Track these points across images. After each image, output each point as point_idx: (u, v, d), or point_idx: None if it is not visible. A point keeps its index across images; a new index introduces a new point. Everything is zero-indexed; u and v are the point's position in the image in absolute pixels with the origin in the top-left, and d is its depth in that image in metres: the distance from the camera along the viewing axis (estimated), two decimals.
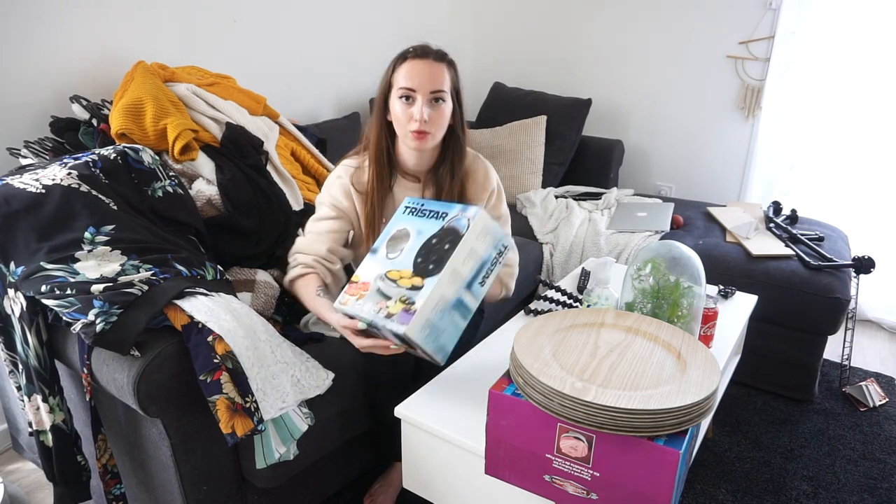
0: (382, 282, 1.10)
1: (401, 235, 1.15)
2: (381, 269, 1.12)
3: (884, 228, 2.61)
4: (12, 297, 1.25)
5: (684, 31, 2.87)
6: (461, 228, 1.07)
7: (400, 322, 1.01)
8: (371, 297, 1.09)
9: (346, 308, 1.13)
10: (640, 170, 3.17)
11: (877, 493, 1.68)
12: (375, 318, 1.06)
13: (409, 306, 1.02)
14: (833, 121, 2.63)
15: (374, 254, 1.16)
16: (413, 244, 1.11)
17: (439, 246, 1.07)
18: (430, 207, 1.16)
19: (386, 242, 1.15)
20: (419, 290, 1.03)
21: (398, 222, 1.18)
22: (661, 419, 0.85)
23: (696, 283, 1.25)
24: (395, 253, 1.12)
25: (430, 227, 1.11)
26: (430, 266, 1.05)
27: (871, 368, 2.34)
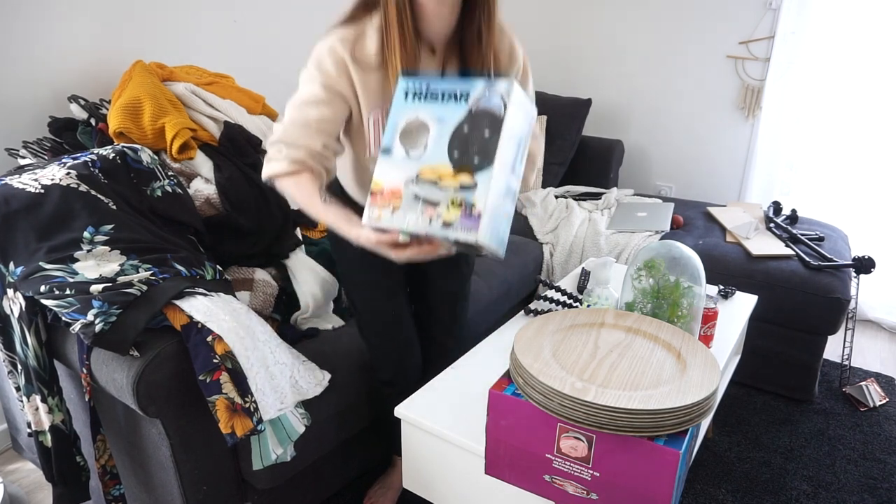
0: (417, 185, 0.93)
1: (416, 127, 0.96)
2: (409, 170, 0.95)
3: (884, 228, 2.61)
4: (11, 297, 1.25)
5: (684, 31, 2.87)
6: (497, 110, 0.92)
7: (466, 228, 0.89)
8: (410, 205, 0.94)
9: (382, 222, 0.96)
10: (640, 170, 3.17)
11: (877, 493, 1.68)
12: (429, 229, 0.92)
13: (468, 209, 0.90)
14: (833, 121, 2.62)
15: (387, 154, 0.97)
16: (438, 135, 0.94)
17: (477, 134, 0.92)
18: (441, 88, 0.96)
19: (398, 138, 0.97)
20: (473, 190, 0.90)
21: (403, 111, 0.98)
22: (661, 419, 0.85)
23: (696, 283, 1.25)
24: (417, 149, 0.95)
25: (452, 112, 0.94)
26: (474, 159, 0.91)
27: (871, 368, 2.33)
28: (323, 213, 1.09)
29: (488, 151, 0.91)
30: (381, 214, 0.96)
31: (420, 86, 0.98)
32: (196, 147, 1.64)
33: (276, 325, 1.55)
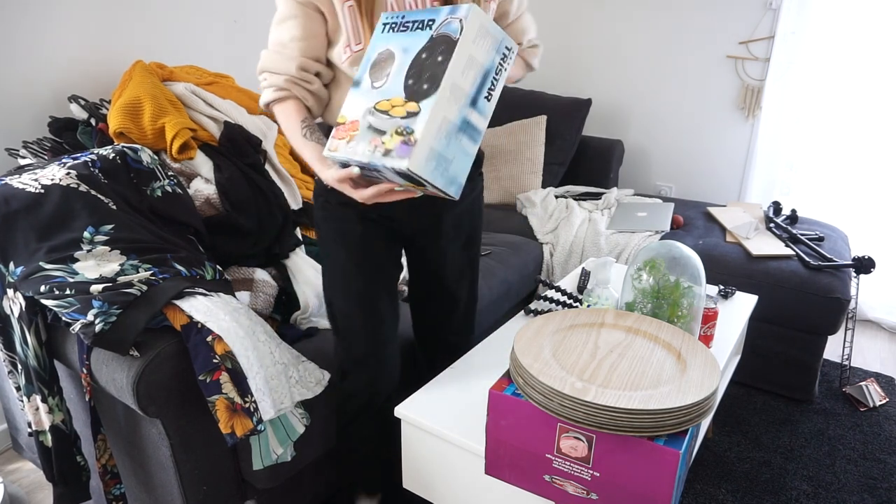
0: (372, 116, 0.91)
1: (383, 59, 0.94)
2: (369, 101, 0.93)
3: (884, 228, 2.61)
4: (11, 297, 1.25)
5: (684, 31, 2.87)
6: (453, 34, 0.87)
7: (399, 156, 0.85)
8: (363, 135, 0.91)
9: (337, 154, 0.94)
10: (640, 170, 3.17)
11: (877, 494, 1.68)
12: (372, 158, 0.88)
13: (407, 137, 0.86)
14: (833, 121, 2.62)
15: (357, 87, 0.96)
16: (400, 65, 0.91)
17: (430, 60, 0.88)
18: (412, 18, 0.94)
19: (368, 70, 0.95)
20: (416, 116, 0.86)
21: (378, 44, 0.96)
22: (661, 419, 0.85)
23: (696, 283, 1.25)
24: (380, 80, 0.92)
25: (417, 40, 0.91)
26: (423, 86, 0.87)
27: (871, 368, 2.33)
28: (300, 146, 1.07)
29: (436, 77, 0.86)
30: (337, 146, 0.94)
31: (396, 18, 0.96)
32: (196, 147, 1.64)
33: (276, 325, 1.55)
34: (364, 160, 0.89)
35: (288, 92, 1.10)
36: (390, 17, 0.97)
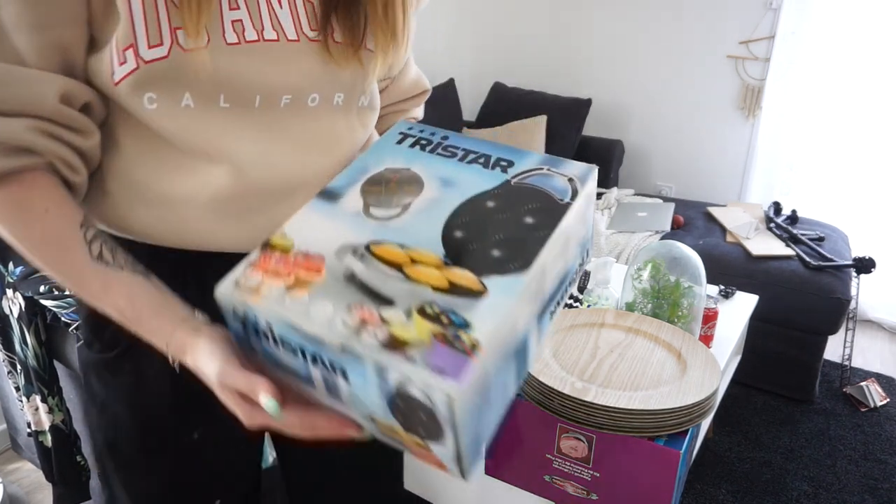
0: (362, 263, 0.50)
1: (397, 179, 0.58)
2: (356, 234, 0.53)
3: (884, 228, 2.60)
4: (11, 297, 1.25)
5: (684, 31, 2.87)
6: (557, 194, 0.55)
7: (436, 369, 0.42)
8: (333, 290, 0.48)
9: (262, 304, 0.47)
10: (641, 170, 3.17)
11: (877, 494, 1.67)
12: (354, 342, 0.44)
13: (454, 336, 0.44)
14: (833, 121, 2.62)
15: (328, 200, 0.56)
16: (434, 201, 0.55)
17: (510, 217, 0.53)
18: (462, 144, 0.61)
19: (361, 184, 0.57)
20: (474, 301, 0.47)
21: (386, 154, 0.60)
22: (661, 419, 0.84)
23: (697, 283, 1.25)
24: (386, 208, 0.55)
25: (475, 177, 0.57)
26: (492, 253, 0.50)
27: (871, 369, 2.33)
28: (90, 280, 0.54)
29: (526, 247, 0.51)
30: (264, 290, 0.48)
31: (429, 135, 0.62)
32: None
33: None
34: (333, 341, 0.45)
35: (33, 158, 0.52)
36: (418, 130, 0.63)
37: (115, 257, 0.55)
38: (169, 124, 0.55)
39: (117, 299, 0.54)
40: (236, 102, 0.57)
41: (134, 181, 0.59)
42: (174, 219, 0.60)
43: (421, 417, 0.45)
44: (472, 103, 3.25)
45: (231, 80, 0.55)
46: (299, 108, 0.61)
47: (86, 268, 0.54)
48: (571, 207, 0.54)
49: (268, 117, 0.59)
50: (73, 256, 0.53)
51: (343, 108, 0.64)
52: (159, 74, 0.53)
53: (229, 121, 0.57)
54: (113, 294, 0.54)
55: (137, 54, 0.52)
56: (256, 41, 0.56)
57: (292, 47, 0.58)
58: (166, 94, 0.54)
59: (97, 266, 0.54)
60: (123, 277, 0.55)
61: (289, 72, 0.58)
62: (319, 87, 0.61)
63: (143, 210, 0.60)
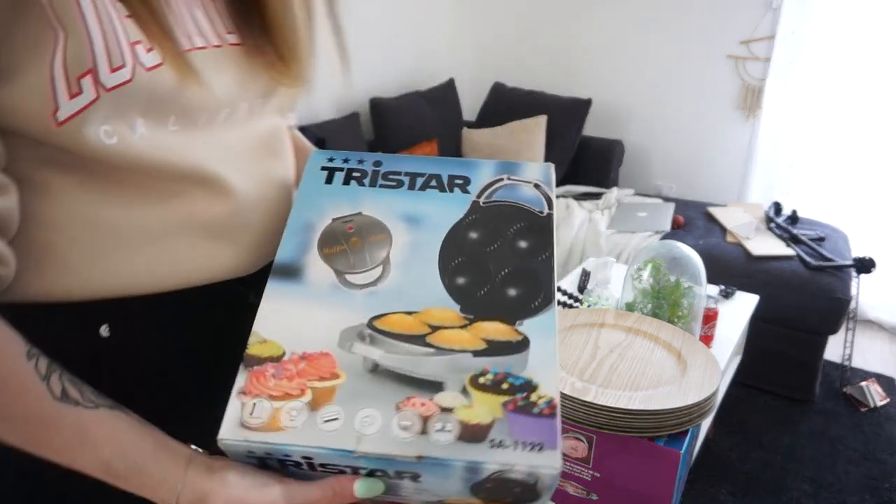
0: (377, 346, 0.44)
1: (357, 229, 0.50)
2: (350, 313, 0.45)
3: (884, 228, 2.60)
4: None
5: (685, 30, 2.87)
6: (536, 208, 0.52)
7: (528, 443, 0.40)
8: (362, 388, 0.42)
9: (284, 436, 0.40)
10: (641, 170, 3.16)
11: (878, 494, 1.67)
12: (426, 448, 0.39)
13: (525, 400, 0.42)
14: (833, 121, 2.62)
15: (289, 279, 0.47)
16: (411, 247, 0.49)
17: (504, 248, 0.49)
18: (407, 168, 0.54)
19: (316, 248, 0.49)
20: (523, 354, 0.44)
21: (323, 201, 0.52)
22: (661, 420, 0.84)
23: (697, 283, 1.25)
24: (366, 272, 0.48)
25: (441, 208, 0.51)
26: (511, 293, 0.47)
27: (871, 369, 2.33)
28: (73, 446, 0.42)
29: (538, 278, 0.48)
30: (282, 418, 0.41)
31: (358, 163, 0.54)
32: None
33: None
34: (399, 452, 0.39)
35: None
36: (341, 159, 0.55)
37: (83, 392, 0.42)
38: (136, 154, 0.45)
39: (101, 450, 0.41)
40: (185, 122, 0.48)
41: (97, 224, 0.46)
42: (165, 255, 0.49)
43: (514, 491, 0.42)
44: (472, 103, 3.25)
45: (181, 97, 0.47)
46: (238, 120, 0.53)
47: (49, 414, 0.40)
48: (553, 218, 0.51)
49: (213, 133, 0.51)
50: (27, 402, 0.40)
51: (272, 112, 0.59)
52: (120, 102, 0.44)
53: (189, 141, 0.49)
54: (93, 443, 0.41)
55: (97, 82, 0.42)
56: (192, 49, 0.48)
57: (220, 53, 0.50)
58: (121, 123, 0.45)
59: (64, 408, 0.40)
60: (102, 418, 0.42)
61: (222, 81, 0.50)
62: (248, 94, 0.53)
63: (119, 256, 0.47)
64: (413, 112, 2.64)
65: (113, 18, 0.42)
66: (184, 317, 0.52)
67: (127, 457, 0.41)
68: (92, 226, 0.46)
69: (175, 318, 0.51)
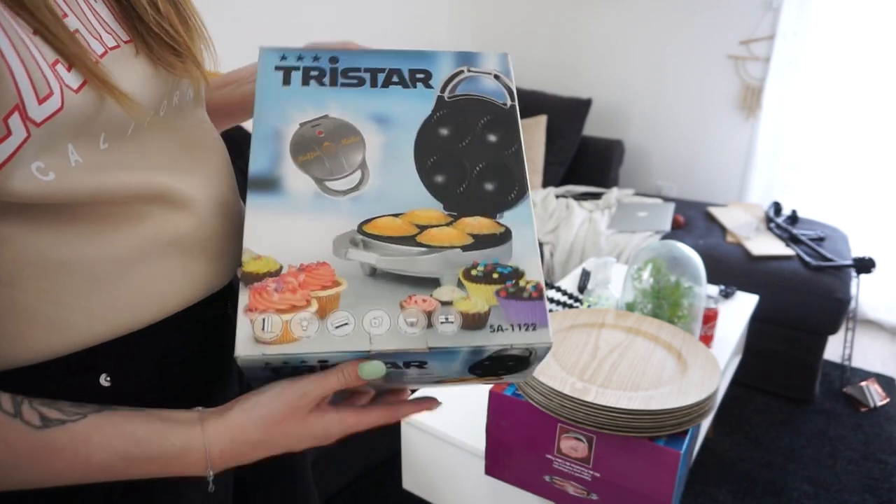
0: (371, 250, 0.45)
1: (327, 133, 0.49)
2: (337, 220, 0.46)
3: (884, 228, 2.60)
4: None
5: (685, 30, 2.87)
6: (496, 99, 0.53)
7: (524, 324, 0.45)
8: (365, 291, 0.44)
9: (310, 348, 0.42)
10: (641, 169, 3.17)
11: (878, 494, 1.67)
12: (436, 339, 0.43)
13: (514, 286, 0.46)
14: (834, 121, 2.62)
15: (268, 191, 0.47)
16: (385, 148, 0.49)
17: (475, 143, 0.51)
18: (367, 64, 0.52)
19: (290, 157, 0.48)
20: (505, 244, 0.47)
21: (285, 103, 0.50)
22: (661, 419, 0.84)
23: (697, 284, 1.25)
24: (345, 177, 0.48)
25: (407, 105, 0.51)
26: (487, 187, 0.49)
27: (871, 369, 2.33)
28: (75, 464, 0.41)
29: (511, 171, 0.50)
30: (294, 329, 0.43)
31: (313, 61, 0.52)
32: None
33: None
34: (411, 346, 0.43)
35: None
36: (295, 58, 0.52)
37: (63, 409, 0.40)
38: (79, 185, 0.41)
39: (112, 448, 0.40)
40: (114, 137, 0.43)
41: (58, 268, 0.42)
42: (141, 285, 0.45)
43: (508, 365, 0.47)
44: None
45: (109, 111, 0.42)
46: (162, 121, 0.49)
47: (38, 446, 0.39)
48: (516, 109, 0.53)
49: (145, 143, 0.47)
50: (11, 446, 0.38)
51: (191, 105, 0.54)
52: (53, 133, 0.39)
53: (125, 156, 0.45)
54: (101, 447, 0.40)
55: (26, 118, 0.37)
56: (103, 55, 0.42)
57: (121, 54, 0.44)
58: (54, 155, 0.39)
59: (51, 433, 0.39)
60: (97, 422, 0.40)
61: (136, 83, 0.44)
62: (160, 91, 0.48)
63: (94, 298, 0.43)
64: None
65: (24, 39, 0.37)
66: (176, 346, 0.49)
67: (141, 443, 0.41)
68: (53, 271, 0.41)
69: (168, 350, 0.48)
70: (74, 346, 0.43)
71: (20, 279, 0.41)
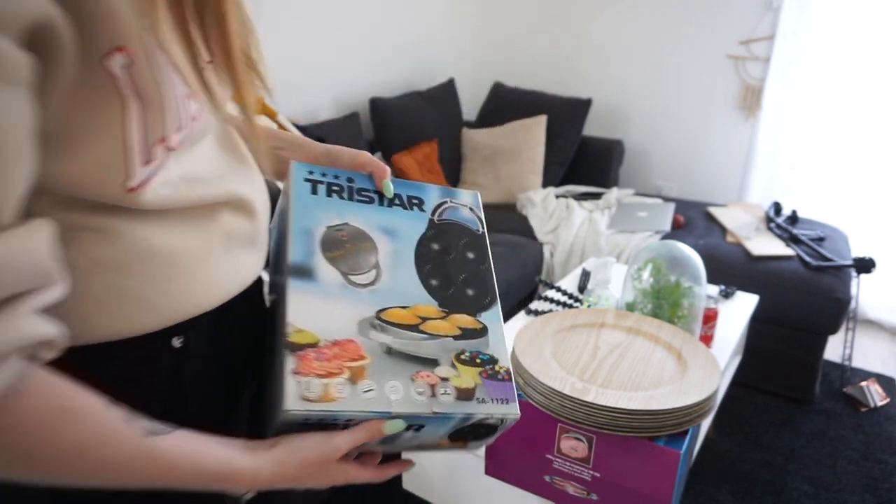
0: (386, 334, 0.58)
1: (349, 237, 0.62)
2: (360, 307, 0.59)
3: (884, 228, 2.60)
4: None
5: (685, 30, 2.87)
6: (471, 225, 0.68)
7: (499, 399, 0.58)
8: (384, 365, 0.57)
9: (338, 404, 0.53)
10: (641, 169, 3.16)
11: (878, 494, 1.67)
12: (438, 405, 0.56)
13: (491, 370, 0.60)
14: (834, 121, 2.62)
15: (306, 279, 0.58)
16: (393, 255, 0.63)
17: (456, 257, 0.66)
18: (367, 185, 0.66)
19: (320, 253, 0.60)
20: (483, 337, 0.62)
21: (314, 210, 0.62)
22: (661, 420, 0.84)
23: (697, 284, 1.25)
24: (364, 273, 0.61)
25: (407, 223, 0.65)
26: (468, 292, 0.64)
27: (871, 369, 2.33)
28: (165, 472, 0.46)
29: (486, 282, 0.65)
30: (332, 392, 0.53)
31: (334, 178, 0.65)
32: None
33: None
34: (420, 410, 0.55)
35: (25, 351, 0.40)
36: (320, 173, 0.65)
37: (155, 424, 0.46)
38: (184, 195, 0.50)
39: (187, 464, 0.46)
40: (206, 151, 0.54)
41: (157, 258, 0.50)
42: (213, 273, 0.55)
43: (480, 431, 0.61)
44: (473, 103, 3.25)
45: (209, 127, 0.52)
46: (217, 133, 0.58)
47: (140, 452, 0.44)
48: (486, 236, 0.68)
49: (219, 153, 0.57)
50: (119, 449, 0.43)
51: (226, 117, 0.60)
52: (177, 156, 0.47)
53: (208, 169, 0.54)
54: (182, 463, 0.46)
55: (167, 146, 0.45)
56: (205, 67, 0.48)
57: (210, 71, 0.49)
58: (169, 171, 0.47)
59: (152, 441, 0.44)
60: (183, 436, 0.47)
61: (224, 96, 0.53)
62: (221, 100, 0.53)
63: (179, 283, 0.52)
64: (413, 112, 2.64)
65: (174, 79, 0.43)
66: (229, 317, 0.60)
67: (218, 461, 0.48)
68: (152, 261, 0.49)
69: (224, 319, 0.59)
70: (160, 324, 0.52)
71: (129, 267, 0.48)
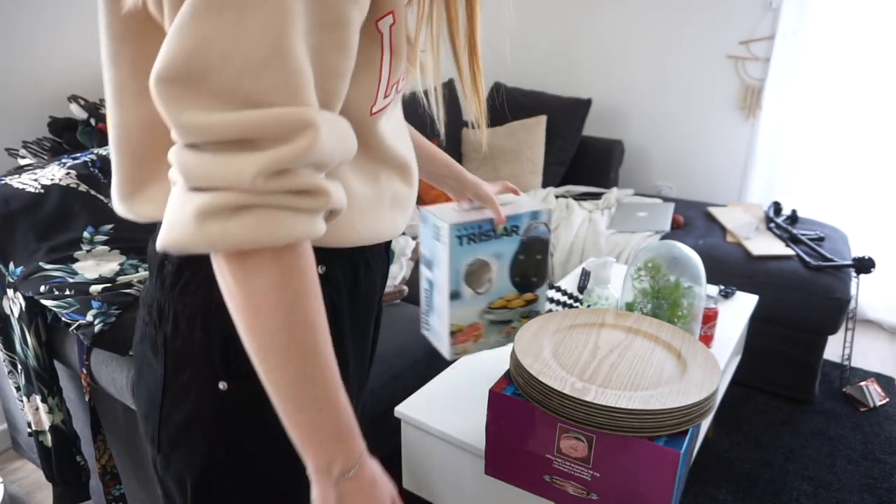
0: (491, 314, 1.08)
1: (478, 267, 1.03)
2: (480, 305, 1.06)
3: (884, 228, 2.61)
4: (11, 297, 1.25)
5: (685, 30, 2.87)
6: (544, 236, 1.07)
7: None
8: (489, 330, 1.09)
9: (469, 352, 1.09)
10: (641, 170, 3.17)
11: (877, 494, 1.67)
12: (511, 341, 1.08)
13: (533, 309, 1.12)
14: (833, 121, 2.62)
15: (458, 299, 1.04)
16: (498, 270, 1.05)
17: (530, 260, 1.07)
18: (489, 227, 1.01)
19: (463, 282, 1.02)
20: (536, 303, 1.11)
21: (462, 257, 1.01)
22: (661, 419, 0.84)
23: (697, 284, 1.25)
24: (483, 286, 1.05)
25: (507, 246, 1.04)
26: (533, 280, 1.09)
27: (871, 369, 2.33)
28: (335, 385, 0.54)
29: (544, 270, 1.11)
30: (466, 347, 1.08)
31: (472, 230, 1.02)
32: None
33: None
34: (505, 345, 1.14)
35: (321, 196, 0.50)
36: (465, 230, 1.01)
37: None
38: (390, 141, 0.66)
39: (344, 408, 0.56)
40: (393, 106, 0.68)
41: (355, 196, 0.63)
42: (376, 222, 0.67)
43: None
44: None
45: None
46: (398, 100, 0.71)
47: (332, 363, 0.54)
48: (550, 239, 1.09)
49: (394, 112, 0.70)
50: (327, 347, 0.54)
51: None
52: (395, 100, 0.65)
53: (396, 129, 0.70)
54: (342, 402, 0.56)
55: (399, 88, 0.63)
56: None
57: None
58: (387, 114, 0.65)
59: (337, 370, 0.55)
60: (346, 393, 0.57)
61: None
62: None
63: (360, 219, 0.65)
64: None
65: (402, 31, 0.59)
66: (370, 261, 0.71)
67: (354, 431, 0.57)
68: (352, 196, 0.62)
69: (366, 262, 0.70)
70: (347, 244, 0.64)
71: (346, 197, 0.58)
